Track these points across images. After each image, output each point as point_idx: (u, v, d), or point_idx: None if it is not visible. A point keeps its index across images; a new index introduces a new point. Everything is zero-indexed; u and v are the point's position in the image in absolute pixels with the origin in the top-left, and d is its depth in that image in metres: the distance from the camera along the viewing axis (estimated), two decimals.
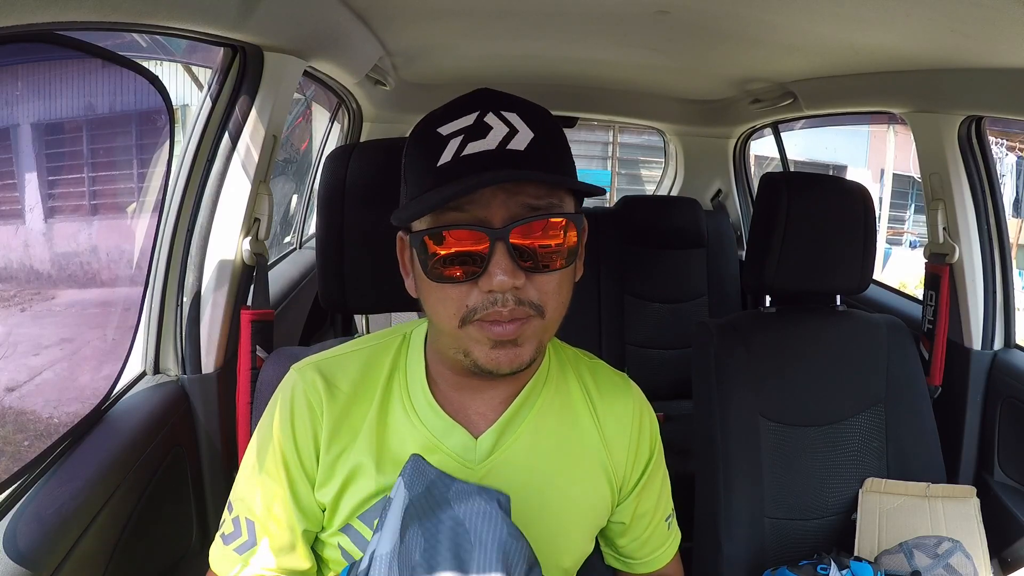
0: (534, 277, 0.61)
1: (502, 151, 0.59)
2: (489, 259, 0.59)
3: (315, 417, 0.70)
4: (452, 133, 0.60)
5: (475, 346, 0.62)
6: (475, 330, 0.61)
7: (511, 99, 0.63)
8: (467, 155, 0.59)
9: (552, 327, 0.65)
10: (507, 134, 0.60)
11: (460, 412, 0.70)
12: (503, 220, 0.59)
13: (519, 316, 0.60)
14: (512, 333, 0.61)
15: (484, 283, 0.59)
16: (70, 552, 0.82)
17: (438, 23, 1.49)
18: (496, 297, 0.59)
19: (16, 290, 1.18)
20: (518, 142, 0.60)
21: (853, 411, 1.35)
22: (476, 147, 0.59)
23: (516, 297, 0.60)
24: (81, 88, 1.20)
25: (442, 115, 0.62)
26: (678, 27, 1.37)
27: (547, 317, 0.62)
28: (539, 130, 0.61)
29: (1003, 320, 1.53)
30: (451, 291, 0.61)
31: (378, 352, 0.74)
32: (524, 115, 0.62)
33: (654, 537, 0.83)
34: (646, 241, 2.32)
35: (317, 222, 0.96)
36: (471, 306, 0.60)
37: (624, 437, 0.76)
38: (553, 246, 0.61)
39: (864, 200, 1.35)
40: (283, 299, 1.67)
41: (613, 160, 8.33)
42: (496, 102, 0.62)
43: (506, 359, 0.62)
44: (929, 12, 0.99)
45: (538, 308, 0.61)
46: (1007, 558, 1.35)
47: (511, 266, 0.59)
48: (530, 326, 0.62)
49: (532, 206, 0.60)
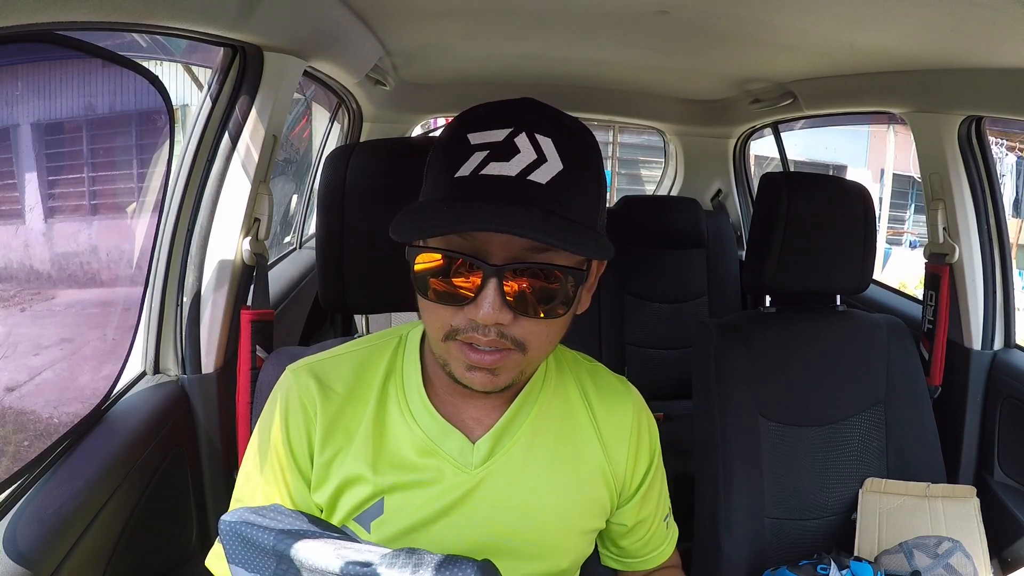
0: (522, 320, 0.59)
1: (521, 180, 0.56)
2: (479, 292, 0.57)
3: (309, 418, 0.70)
4: (479, 145, 0.57)
5: (453, 363, 0.62)
6: (455, 348, 0.61)
7: (552, 120, 0.59)
8: (485, 175, 0.56)
9: (536, 361, 0.64)
10: (533, 162, 0.56)
11: (455, 416, 0.70)
12: (503, 258, 0.57)
13: (499, 347, 0.59)
14: (489, 364, 0.60)
15: (470, 311, 0.58)
16: (70, 552, 0.82)
17: (438, 23, 1.49)
18: (478, 325, 0.59)
19: (16, 290, 1.18)
20: (542, 174, 0.56)
21: (853, 411, 1.35)
22: (496, 169, 0.56)
23: (499, 331, 0.59)
24: (81, 88, 1.20)
25: (478, 119, 0.59)
26: (678, 27, 1.37)
27: (529, 354, 0.61)
28: (571, 162, 0.58)
29: (1003, 320, 1.53)
30: (439, 310, 0.61)
31: (373, 354, 0.73)
32: (559, 142, 0.58)
33: (655, 537, 0.84)
34: (646, 241, 2.32)
35: (317, 222, 0.96)
36: (455, 326, 0.60)
37: (623, 442, 0.76)
38: (551, 297, 0.59)
39: (864, 200, 1.35)
40: (283, 299, 1.67)
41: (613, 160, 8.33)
42: (533, 123, 0.58)
43: (479, 382, 0.61)
44: (929, 12, 0.99)
45: (520, 345, 0.60)
46: (1007, 558, 1.35)
47: (499, 303, 0.57)
48: (510, 359, 0.61)
49: (537, 248, 0.57)
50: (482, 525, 0.69)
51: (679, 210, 2.39)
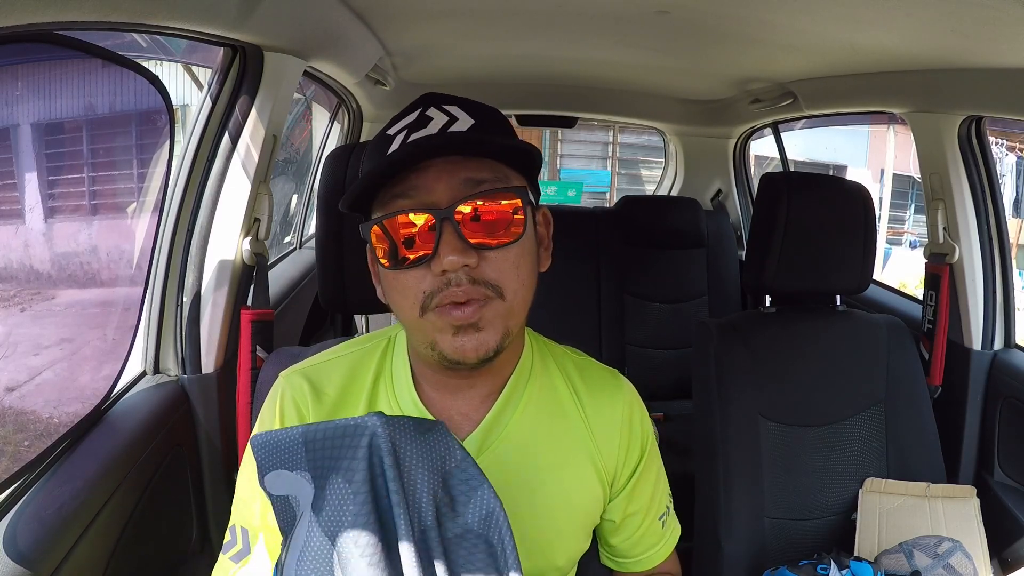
0: (487, 255, 0.61)
1: (443, 134, 0.61)
2: (438, 240, 0.59)
3: (303, 418, 0.70)
4: (397, 130, 0.63)
5: (438, 335, 0.62)
6: (435, 317, 0.61)
7: (453, 97, 0.65)
8: (410, 142, 0.61)
9: (517, 311, 0.64)
10: (447, 122, 0.62)
11: (444, 413, 0.70)
12: (449, 200, 0.60)
13: (476, 296, 0.60)
14: (471, 315, 0.60)
15: (436, 265, 0.59)
16: (70, 552, 0.82)
17: (438, 23, 1.49)
18: (449, 277, 0.59)
19: (16, 290, 1.18)
20: (459, 127, 0.62)
21: (853, 411, 1.35)
22: (419, 135, 0.61)
23: (470, 276, 0.60)
24: (81, 88, 1.21)
25: (390, 122, 0.65)
26: (678, 27, 1.37)
27: (507, 299, 0.62)
28: (480, 117, 0.63)
29: (1003, 320, 1.53)
30: (406, 279, 0.62)
31: (364, 356, 0.74)
32: (465, 107, 0.64)
33: (647, 536, 0.82)
34: (646, 241, 2.32)
35: (317, 222, 0.96)
36: (427, 291, 0.61)
37: (614, 433, 0.75)
38: (505, 218, 0.61)
39: (864, 200, 1.35)
40: (283, 299, 1.67)
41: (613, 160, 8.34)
42: (437, 100, 0.64)
43: (471, 346, 0.61)
44: (929, 12, 0.99)
45: (495, 288, 0.61)
46: (1007, 558, 1.35)
47: (460, 244, 0.59)
48: (490, 308, 0.61)
49: (475, 180, 0.61)
50: None
51: (679, 210, 2.39)
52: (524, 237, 0.63)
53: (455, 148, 0.61)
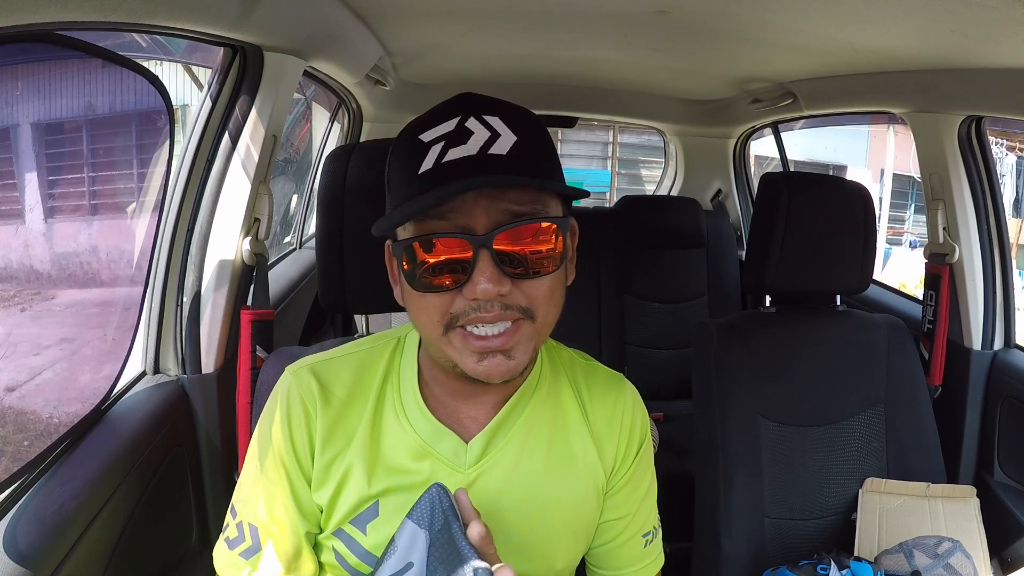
0: (522, 283, 0.60)
1: (483, 156, 0.58)
2: (473, 266, 0.58)
3: (310, 420, 0.70)
4: (433, 140, 0.60)
5: (459, 357, 0.61)
6: (458, 339, 0.61)
7: (493, 102, 0.62)
8: (448, 161, 0.58)
9: (545, 331, 0.64)
10: (488, 138, 0.59)
11: (452, 416, 0.70)
12: (486, 227, 0.58)
13: (506, 318, 0.60)
14: (502, 344, 0.60)
15: (468, 291, 0.59)
16: (70, 552, 0.82)
17: (438, 23, 1.49)
18: (480, 304, 0.59)
19: (16, 290, 1.18)
20: (500, 146, 0.59)
21: (853, 411, 1.35)
22: (457, 153, 0.58)
23: (503, 303, 0.59)
24: (81, 88, 1.20)
25: (424, 122, 0.62)
26: (678, 27, 1.37)
27: (538, 321, 0.62)
28: (522, 133, 0.60)
29: (1003, 320, 1.52)
30: (434, 300, 0.60)
31: (372, 356, 0.74)
32: (506, 118, 0.60)
33: (627, 549, 0.78)
34: (646, 241, 2.32)
35: (317, 222, 0.96)
36: (454, 312, 0.60)
37: (614, 433, 0.75)
38: (544, 251, 0.60)
39: (864, 200, 1.35)
40: (283, 299, 1.67)
41: (613, 160, 8.33)
42: (478, 106, 0.61)
43: (497, 370, 0.61)
44: (929, 12, 0.99)
45: (527, 312, 0.61)
46: (1007, 558, 1.35)
47: (496, 273, 0.58)
48: (521, 332, 0.61)
49: (515, 212, 0.59)
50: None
51: (679, 210, 2.39)
52: (560, 268, 0.62)
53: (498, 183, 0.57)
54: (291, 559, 0.70)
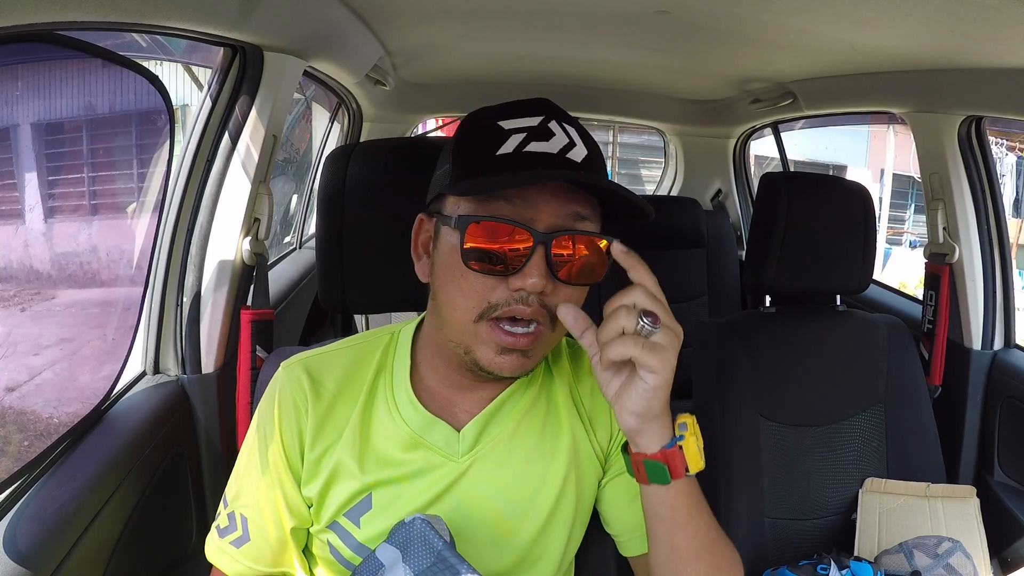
0: (561, 287, 0.62)
1: (563, 158, 0.61)
2: (528, 260, 0.60)
3: (300, 415, 0.70)
4: (515, 129, 0.62)
5: (481, 347, 0.63)
6: (486, 331, 0.62)
7: (571, 117, 0.66)
8: (530, 152, 0.61)
9: (557, 340, 0.67)
10: (567, 144, 0.62)
11: (445, 409, 0.71)
12: (547, 225, 0.61)
13: (539, 316, 0.62)
14: (526, 344, 0.62)
15: (515, 281, 0.60)
16: (70, 552, 0.82)
17: (438, 23, 1.49)
18: (522, 295, 0.61)
19: (16, 290, 1.18)
20: (575, 154, 0.62)
21: (853, 411, 1.35)
22: (538, 147, 0.61)
23: (541, 300, 0.61)
24: (81, 88, 1.21)
25: (502, 112, 0.64)
26: (678, 27, 1.37)
27: (557, 328, 0.64)
28: (592, 150, 0.64)
29: (1003, 320, 1.53)
30: (477, 282, 0.62)
31: (365, 350, 0.74)
32: (580, 132, 0.65)
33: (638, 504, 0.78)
34: (646, 241, 2.29)
35: (317, 222, 0.96)
36: (493, 301, 0.61)
37: (604, 407, 0.75)
38: (590, 264, 0.63)
39: (864, 200, 1.35)
40: (283, 299, 1.67)
41: (613, 160, 8.34)
42: (558, 113, 0.65)
43: (511, 366, 0.63)
44: (929, 12, 0.99)
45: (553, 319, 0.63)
46: (1007, 558, 1.35)
47: (546, 271, 0.60)
48: (542, 339, 0.63)
49: (580, 216, 0.62)
50: (471, 512, 0.70)
51: (679, 210, 2.39)
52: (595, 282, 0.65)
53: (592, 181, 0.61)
54: (277, 552, 0.71)
